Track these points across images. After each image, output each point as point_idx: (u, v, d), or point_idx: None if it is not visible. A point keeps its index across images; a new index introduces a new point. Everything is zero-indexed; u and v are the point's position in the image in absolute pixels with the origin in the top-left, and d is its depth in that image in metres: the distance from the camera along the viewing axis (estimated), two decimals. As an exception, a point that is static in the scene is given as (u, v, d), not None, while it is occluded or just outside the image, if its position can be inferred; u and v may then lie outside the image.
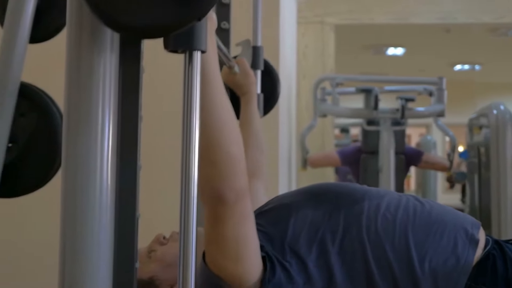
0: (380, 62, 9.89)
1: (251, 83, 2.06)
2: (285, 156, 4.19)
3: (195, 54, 0.90)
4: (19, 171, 1.49)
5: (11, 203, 1.61)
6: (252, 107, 2.05)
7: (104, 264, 0.86)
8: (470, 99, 10.91)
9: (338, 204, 1.50)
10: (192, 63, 0.90)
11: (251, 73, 2.07)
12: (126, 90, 0.91)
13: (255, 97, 2.07)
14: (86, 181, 0.85)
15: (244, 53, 2.20)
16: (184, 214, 0.90)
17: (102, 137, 0.86)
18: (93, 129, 0.86)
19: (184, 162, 0.92)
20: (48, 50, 1.81)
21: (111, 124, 0.87)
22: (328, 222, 1.46)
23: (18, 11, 1.46)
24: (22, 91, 1.48)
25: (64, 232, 0.86)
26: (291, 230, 1.45)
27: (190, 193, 0.91)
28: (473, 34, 7.75)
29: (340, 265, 1.42)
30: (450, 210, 1.56)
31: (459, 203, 7.85)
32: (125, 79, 0.91)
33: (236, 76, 2.04)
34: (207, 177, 1.26)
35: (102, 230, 0.86)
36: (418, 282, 1.41)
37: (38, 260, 2.94)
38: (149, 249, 1.57)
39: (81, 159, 0.86)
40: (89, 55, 0.87)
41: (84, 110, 0.86)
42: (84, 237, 0.85)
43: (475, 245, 1.46)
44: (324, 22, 6.27)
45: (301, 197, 1.57)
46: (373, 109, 4.93)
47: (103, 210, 0.86)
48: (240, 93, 2.06)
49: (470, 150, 5.41)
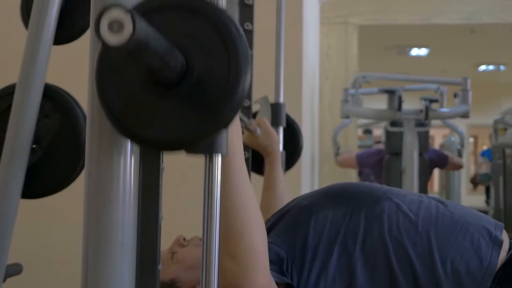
0: (404, 63, 9.85)
1: (274, 142, 2.05)
2: (308, 156, 4.18)
3: (215, 157, 0.88)
4: (43, 172, 1.50)
5: (34, 204, 1.61)
6: (276, 169, 2.04)
7: (127, 266, 0.86)
8: (495, 100, 10.83)
9: (358, 204, 1.49)
10: (212, 165, 0.88)
11: (274, 133, 2.06)
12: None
13: (279, 157, 2.06)
14: (109, 182, 0.85)
15: (263, 110, 2.19)
16: (207, 216, 0.89)
17: (125, 138, 0.86)
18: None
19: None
20: (72, 52, 1.82)
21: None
22: (348, 223, 1.45)
23: (43, 13, 1.47)
24: (46, 92, 1.48)
25: (86, 234, 0.86)
26: (312, 232, 1.44)
27: (214, 193, 0.90)
28: (498, 34, 7.69)
29: (362, 265, 1.41)
30: (473, 211, 1.54)
31: (483, 205, 7.79)
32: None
33: (259, 138, 2.03)
34: (226, 273, 1.20)
35: (125, 232, 0.86)
36: (441, 284, 1.39)
37: (63, 263, 2.96)
38: (170, 251, 1.56)
39: (104, 160, 0.86)
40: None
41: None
42: (107, 238, 0.85)
43: (499, 247, 1.44)
44: (347, 23, 6.26)
45: (320, 198, 1.56)
46: (396, 110, 4.91)
47: (126, 211, 0.86)
48: (264, 154, 2.06)
49: (495, 151, 5.37)
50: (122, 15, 0.65)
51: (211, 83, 0.80)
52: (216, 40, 0.80)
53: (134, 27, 0.65)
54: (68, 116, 1.50)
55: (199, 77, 0.80)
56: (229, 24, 0.80)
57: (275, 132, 2.09)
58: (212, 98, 0.79)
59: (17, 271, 1.71)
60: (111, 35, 0.65)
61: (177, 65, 0.78)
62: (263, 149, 2.06)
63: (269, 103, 2.22)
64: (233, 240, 1.20)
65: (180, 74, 0.79)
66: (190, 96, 0.80)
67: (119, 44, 0.65)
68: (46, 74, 1.48)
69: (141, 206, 0.89)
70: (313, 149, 4.87)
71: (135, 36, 0.65)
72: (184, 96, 0.80)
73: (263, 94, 2.23)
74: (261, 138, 2.03)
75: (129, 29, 0.65)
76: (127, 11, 0.66)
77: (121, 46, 0.65)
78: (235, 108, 0.80)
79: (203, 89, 0.80)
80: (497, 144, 5.26)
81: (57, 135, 1.50)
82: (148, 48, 0.69)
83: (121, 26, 0.65)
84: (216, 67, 0.80)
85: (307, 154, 4.05)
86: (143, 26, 0.67)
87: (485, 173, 6.64)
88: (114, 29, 0.65)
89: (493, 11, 6.37)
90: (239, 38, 0.80)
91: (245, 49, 0.81)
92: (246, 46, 0.81)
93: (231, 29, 0.80)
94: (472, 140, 13.70)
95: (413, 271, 1.40)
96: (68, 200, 1.90)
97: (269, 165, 2.05)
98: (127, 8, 0.66)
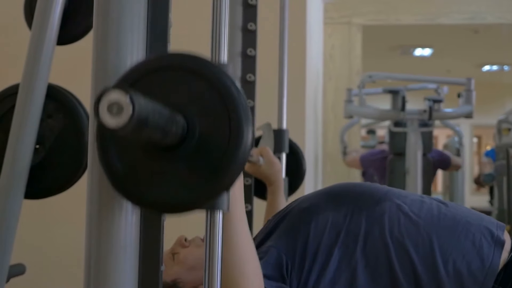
0: (407, 63, 9.84)
1: (277, 172, 2.05)
2: (311, 156, 4.18)
3: (217, 213, 0.88)
4: (46, 172, 1.50)
5: (37, 204, 1.62)
6: (279, 197, 2.05)
7: (129, 267, 0.86)
8: (498, 100, 10.81)
9: (359, 205, 1.48)
10: (213, 221, 0.89)
11: (276, 162, 2.06)
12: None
13: (281, 186, 2.07)
14: (110, 197, 0.85)
15: (266, 137, 2.19)
16: (210, 232, 0.89)
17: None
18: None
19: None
20: (76, 52, 1.82)
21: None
22: (349, 224, 1.45)
23: (46, 13, 1.47)
24: (50, 93, 1.49)
25: (89, 234, 0.86)
26: (312, 234, 1.44)
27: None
28: (502, 34, 7.67)
29: (363, 267, 1.40)
30: (474, 212, 1.54)
31: (487, 205, 7.77)
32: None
33: (262, 167, 2.03)
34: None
35: (127, 232, 0.86)
36: (443, 284, 1.38)
37: (66, 263, 2.96)
38: (171, 251, 1.56)
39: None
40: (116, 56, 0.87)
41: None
42: (110, 239, 0.85)
43: (501, 247, 1.43)
44: (351, 23, 6.25)
45: (321, 199, 1.55)
46: (400, 110, 4.90)
47: (128, 211, 0.86)
48: (267, 182, 2.07)
49: (498, 151, 5.36)
50: (121, 97, 0.65)
51: (212, 145, 0.79)
52: (216, 101, 0.80)
53: (133, 108, 0.65)
54: (72, 117, 1.50)
55: (200, 139, 0.80)
56: (229, 84, 0.80)
57: (278, 161, 2.09)
58: (214, 161, 0.79)
59: (20, 271, 1.71)
60: (111, 118, 0.65)
61: (177, 131, 0.77)
62: (265, 178, 2.06)
63: (272, 130, 2.21)
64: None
65: (181, 137, 0.79)
66: (191, 158, 0.79)
67: (119, 127, 0.65)
68: (49, 74, 1.48)
69: (143, 220, 0.89)
70: (317, 149, 4.87)
71: (135, 117, 0.65)
72: (185, 159, 0.79)
73: (266, 121, 2.23)
74: (264, 167, 2.04)
75: (128, 111, 0.65)
76: (126, 92, 0.65)
77: (120, 128, 0.65)
78: (238, 170, 0.79)
79: (205, 151, 0.79)
80: (501, 145, 5.25)
81: (60, 136, 1.50)
82: (148, 124, 0.69)
83: (121, 108, 0.65)
84: (217, 128, 0.79)
85: (311, 154, 4.05)
86: (143, 105, 0.67)
87: (489, 173, 6.62)
88: (114, 111, 0.65)
89: (497, 11, 6.35)
90: (239, 98, 0.80)
91: (246, 110, 0.80)
92: (246, 106, 0.80)
93: (231, 89, 0.80)
94: (476, 141, 13.68)
95: (414, 272, 1.40)
96: (72, 200, 1.90)
97: (271, 194, 2.06)
98: (126, 89, 0.65)
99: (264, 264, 1.37)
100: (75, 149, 1.50)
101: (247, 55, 2.16)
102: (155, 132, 0.72)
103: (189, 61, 0.81)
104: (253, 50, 2.17)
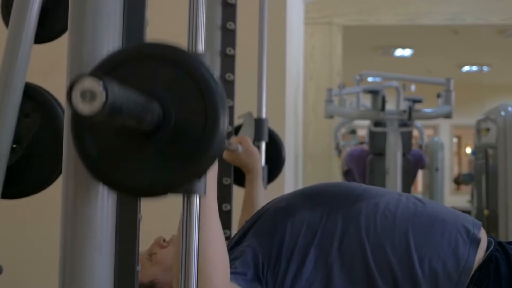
0: (388, 64, 9.88)
1: (255, 161, 2.06)
2: (292, 156, 4.18)
3: (194, 197, 0.88)
4: (24, 172, 1.49)
5: (15, 204, 1.60)
6: (256, 185, 2.06)
7: (105, 268, 0.86)
8: (478, 101, 10.89)
9: (335, 204, 1.48)
10: (190, 205, 0.88)
11: (255, 151, 2.07)
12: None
13: (260, 174, 2.08)
14: (86, 182, 0.85)
15: (247, 125, 2.20)
16: (187, 216, 0.89)
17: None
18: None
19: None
20: (54, 51, 1.80)
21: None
22: (325, 224, 1.44)
23: (23, 11, 1.46)
24: (27, 92, 1.47)
25: (64, 234, 0.85)
26: (288, 234, 1.44)
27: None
28: (481, 35, 7.73)
29: (339, 267, 1.40)
30: (451, 210, 1.54)
31: (466, 205, 7.82)
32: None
33: (240, 155, 2.04)
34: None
35: (103, 233, 0.85)
36: (419, 283, 1.39)
37: (42, 264, 2.94)
38: (149, 252, 1.56)
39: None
40: (91, 55, 0.86)
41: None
42: (85, 239, 0.84)
43: (476, 245, 1.44)
44: (331, 23, 6.27)
45: (298, 199, 1.55)
46: (380, 110, 4.92)
47: (104, 212, 0.85)
48: (245, 171, 2.07)
49: (477, 151, 5.39)
50: (94, 84, 0.65)
51: (188, 132, 0.80)
52: (192, 89, 0.80)
53: (106, 95, 0.65)
54: (49, 116, 1.49)
55: (176, 126, 0.80)
56: (205, 72, 0.80)
57: (257, 150, 2.10)
58: (189, 147, 0.80)
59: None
60: (84, 105, 0.65)
61: (153, 118, 0.78)
62: (244, 166, 2.07)
63: (253, 118, 2.22)
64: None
65: (157, 124, 0.79)
66: (167, 144, 0.80)
67: (92, 113, 0.65)
68: (26, 73, 1.47)
69: (119, 206, 0.88)
70: (297, 148, 4.87)
71: (108, 104, 0.65)
72: (161, 145, 0.80)
73: (247, 110, 2.23)
74: (242, 156, 2.04)
75: (101, 98, 0.65)
76: (99, 79, 0.65)
77: (94, 115, 0.65)
78: (213, 157, 0.80)
79: (181, 137, 0.80)
80: (480, 145, 5.29)
81: (38, 135, 1.49)
82: (122, 111, 0.69)
83: (94, 95, 0.65)
84: (193, 115, 0.80)
85: (291, 153, 4.05)
86: (116, 92, 0.67)
87: (468, 173, 6.67)
88: (87, 98, 0.65)
89: (476, 12, 6.40)
90: (215, 86, 0.81)
91: (222, 97, 0.81)
92: (222, 93, 0.81)
93: (206, 77, 0.80)
94: (455, 141, 13.76)
95: (391, 271, 1.40)
96: (48, 199, 1.88)
97: (249, 182, 2.07)
98: (100, 76, 0.66)
99: (241, 263, 1.37)
100: (52, 148, 1.49)
101: (227, 54, 2.16)
102: (130, 119, 0.73)
103: (165, 50, 0.81)
104: (232, 50, 2.17)
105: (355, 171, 6.04)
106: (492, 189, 4.92)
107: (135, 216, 0.89)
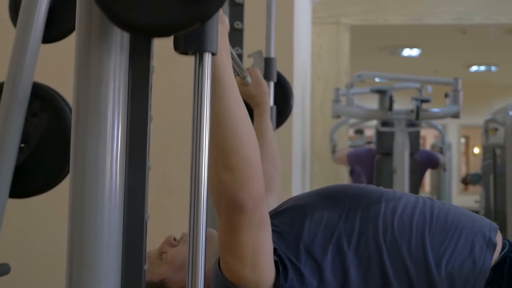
0: (396, 63, 9.86)
1: (264, 93, 2.02)
2: (299, 156, 4.18)
3: (206, 55, 0.89)
4: (31, 171, 1.49)
5: (23, 203, 1.61)
6: (265, 119, 2.02)
7: (112, 266, 0.86)
8: (486, 101, 10.85)
9: (354, 205, 1.49)
10: (202, 65, 0.89)
11: (264, 83, 2.04)
12: (136, 90, 0.90)
13: (268, 109, 2.04)
14: (94, 182, 0.85)
15: (257, 65, 2.18)
16: (194, 215, 0.89)
17: (111, 137, 0.86)
18: (102, 130, 0.85)
19: (193, 164, 0.91)
20: (61, 50, 1.81)
21: (120, 125, 0.87)
22: (344, 224, 1.45)
23: (31, 11, 1.47)
24: (35, 91, 1.48)
25: (71, 234, 0.85)
26: (306, 231, 1.44)
27: (200, 193, 0.90)
28: (489, 35, 7.71)
29: (356, 267, 1.41)
30: (467, 213, 1.54)
31: (474, 205, 7.80)
32: (134, 79, 0.90)
33: (249, 87, 2.00)
34: (223, 185, 1.22)
35: (110, 232, 0.85)
36: (435, 286, 1.39)
37: (51, 263, 2.95)
38: (159, 251, 1.55)
39: (90, 159, 0.85)
40: (98, 54, 0.86)
41: (93, 110, 0.86)
42: (92, 238, 0.84)
43: (493, 249, 1.44)
44: (339, 23, 6.25)
45: (316, 198, 1.55)
46: (387, 110, 4.91)
47: (111, 211, 0.85)
48: (253, 104, 2.03)
49: (485, 151, 5.38)
50: None
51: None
52: None
53: None
54: (57, 115, 1.50)
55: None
56: None
57: (265, 82, 2.06)
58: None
59: (5, 271, 1.71)
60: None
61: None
62: (252, 99, 2.02)
63: (263, 57, 2.20)
64: (229, 152, 1.22)
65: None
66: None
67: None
68: (34, 72, 1.47)
69: (127, 205, 0.88)
70: (304, 148, 4.87)
71: None
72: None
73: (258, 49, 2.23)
74: (251, 87, 2.00)
75: None
76: None
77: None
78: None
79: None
80: (488, 145, 5.27)
81: (46, 134, 1.50)
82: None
83: None
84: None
85: (298, 153, 4.05)
86: None
87: (476, 173, 6.65)
88: None
89: (484, 12, 6.38)
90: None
91: None
92: None
93: None
94: (463, 141, 13.73)
95: (407, 273, 1.40)
96: (56, 199, 1.89)
97: (258, 117, 2.02)
98: None
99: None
100: (60, 148, 1.49)
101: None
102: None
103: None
104: (239, 49, 2.17)
105: (360, 171, 6.03)
106: (500, 189, 4.90)
107: (142, 215, 0.89)
